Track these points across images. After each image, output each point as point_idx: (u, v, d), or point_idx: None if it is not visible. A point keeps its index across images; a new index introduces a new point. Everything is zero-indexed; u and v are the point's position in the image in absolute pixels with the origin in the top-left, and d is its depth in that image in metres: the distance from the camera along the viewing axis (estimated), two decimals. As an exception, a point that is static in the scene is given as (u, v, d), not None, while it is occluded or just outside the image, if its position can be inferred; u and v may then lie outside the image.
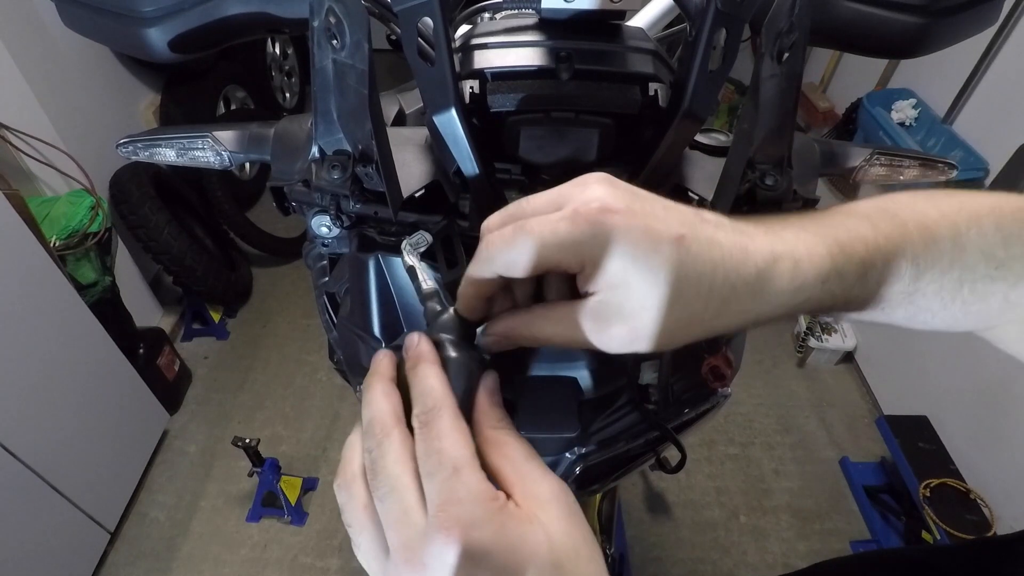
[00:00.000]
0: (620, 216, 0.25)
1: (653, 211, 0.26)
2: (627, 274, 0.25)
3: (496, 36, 0.45)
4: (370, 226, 0.48)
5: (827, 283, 0.28)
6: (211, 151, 0.51)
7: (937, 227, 0.30)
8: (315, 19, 0.38)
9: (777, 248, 0.27)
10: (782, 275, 0.27)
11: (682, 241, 0.25)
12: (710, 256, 0.26)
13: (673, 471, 0.56)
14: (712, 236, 0.26)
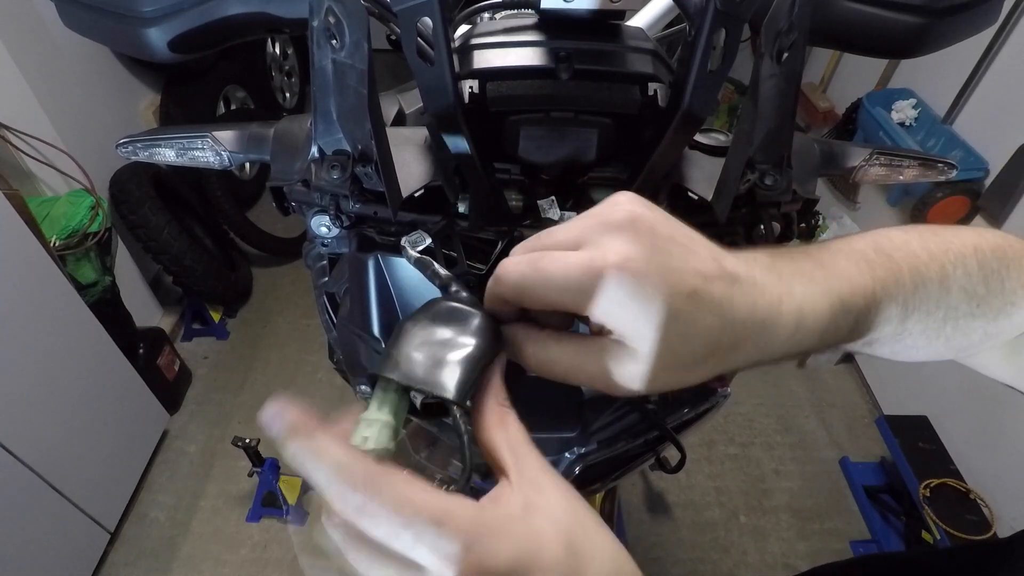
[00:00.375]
0: (633, 275, 0.25)
1: (671, 263, 0.26)
2: (636, 325, 0.26)
3: (495, 36, 0.45)
4: (370, 226, 0.48)
5: (824, 335, 0.29)
6: (211, 151, 0.51)
7: (927, 270, 0.32)
8: (315, 19, 0.38)
9: (784, 304, 0.28)
10: (786, 328, 0.28)
11: (694, 296, 0.26)
12: (720, 313, 0.27)
13: (673, 471, 0.56)
14: (724, 292, 0.27)
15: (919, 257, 0.32)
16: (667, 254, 0.26)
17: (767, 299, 0.28)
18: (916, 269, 0.31)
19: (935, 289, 0.32)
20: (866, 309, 0.30)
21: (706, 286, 0.26)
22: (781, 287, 0.29)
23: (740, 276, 0.28)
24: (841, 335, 0.30)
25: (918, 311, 0.32)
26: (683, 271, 0.26)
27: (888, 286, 0.31)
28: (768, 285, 0.28)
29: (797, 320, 0.28)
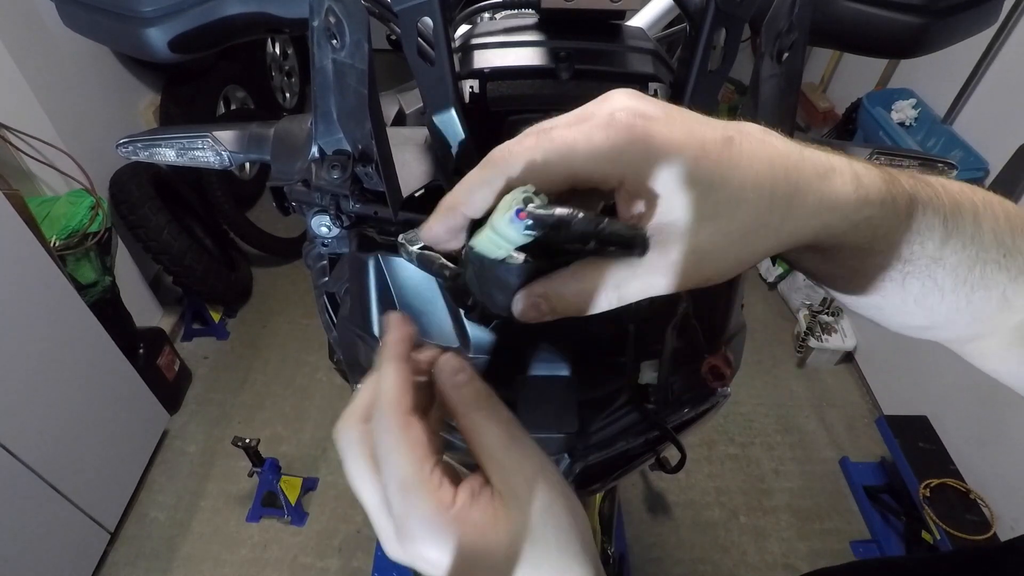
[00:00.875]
0: (660, 123, 0.22)
1: (691, 116, 0.24)
2: (679, 184, 0.22)
3: (496, 36, 0.45)
4: (370, 226, 0.48)
5: (884, 206, 0.26)
6: (211, 151, 0.51)
7: (961, 198, 0.29)
8: (315, 19, 0.38)
9: (834, 160, 0.25)
10: (845, 183, 0.25)
11: (731, 142, 0.23)
12: (766, 153, 0.23)
13: (673, 471, 0.56)
14: (763, 137, 0.24)
15: (950, 187, 0.29)
16: (683, 111, 0.24)
17: (813, 152, 0.25)
18: (951, 194, 0.29)
19: (970, 219, 0.28)
20: (914, 199, 0.27)
21: (740, 133, 0.23)
22: (823, 151, 0.26)
23: (773, 132, 0.25)
24: (899, 218, 0.27)
25: (956, 237, 0.28)
26: (711, 123, 0.23)
27: (928, 195, 0.28)
28: (809, 147, 0.26)
29: (855, 176, 0.25)
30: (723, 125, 0.24)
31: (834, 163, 0.25)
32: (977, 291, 0.29)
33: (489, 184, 0.24)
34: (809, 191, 0.24)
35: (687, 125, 0.23)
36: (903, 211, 0.27)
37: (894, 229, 0.27)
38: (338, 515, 1.67)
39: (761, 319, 2.29)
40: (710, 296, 0.50)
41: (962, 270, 0.29)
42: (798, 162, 0.24)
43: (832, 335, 2.06)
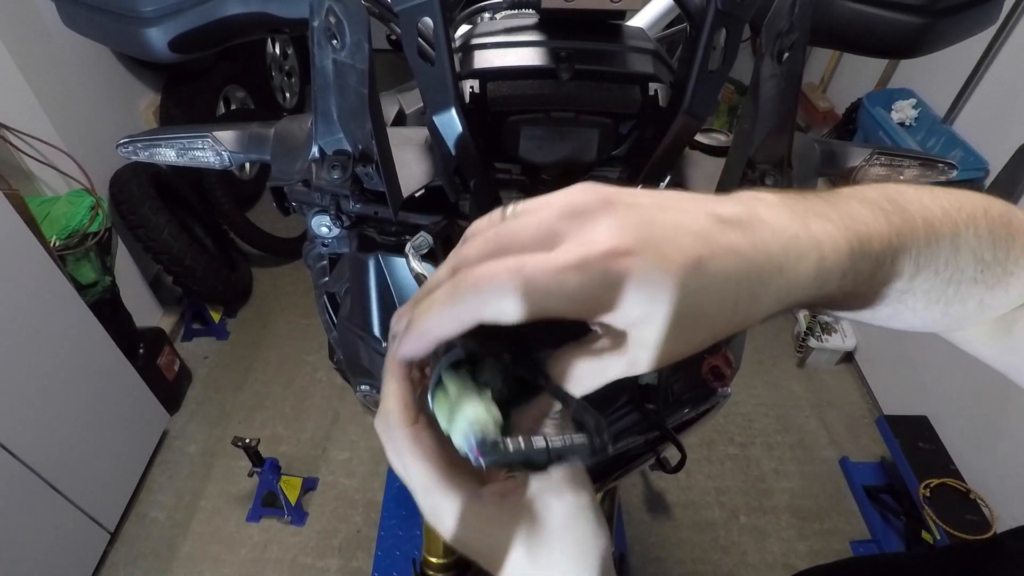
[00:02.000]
0: (633, 258, 0.23)
1: (664, 234, 0.23)
2: (648, 312, 0.24)
3: (496, 36, 0.45)
4: (370, 226, 0.48)
5: (845, 278, 0.27)
6: (211, 151, 0.51)
7: (941, 226, 0.30)
8: (315, 19, 0.38)
9: (802, 240, 0.26)
10: (807, 271, 0.26)
11: (700, 264, 0.23)
12: (734, 271, 0.24)
13: (673, 471, 0.56)
14: (731, 245, 0.24)
15: (932, 212, 0.30)
16: (656, 226, 0.24)
17: (780, 239, 0.25)
18: (930, 223, 0.29)
19: (946, 247, 0.30)
20: (883, 257, 0.28)
21: (710, 248, 0.24)
22: (795, 223, 0.26)
23: (743, 220, 0.25)
24: (861, 280, 0.28)
25: (928, 268, 0.30)
26: (679, 240, 0.23)
27: (903, 235, 0.29)
28: (779, 223, 0.26)
29: (818, 258, 0.26)
30: (693, 236, 0.24)
31: (802, 249, 0.26)
32: (953, 305, 0.32)
33: (458, 321, 0.25)
34: (769, 292, 0.25)
35: (658, 254, 0.23)
36: (867, 273, 0.28)
37: (857, 288, 0.29)
38: (338, 515, 1.67)
39: (761, 319, 2.29)
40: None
41: (934, 294, 0.31)
42: (762, 265, 0.25)
43: (832, 335, 2.06)
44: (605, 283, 0.23)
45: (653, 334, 0.24)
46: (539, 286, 0.23)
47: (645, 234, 0.23)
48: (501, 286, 0.23)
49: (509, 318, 0.24)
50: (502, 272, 0.23)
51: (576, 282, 0.23)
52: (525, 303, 0.23)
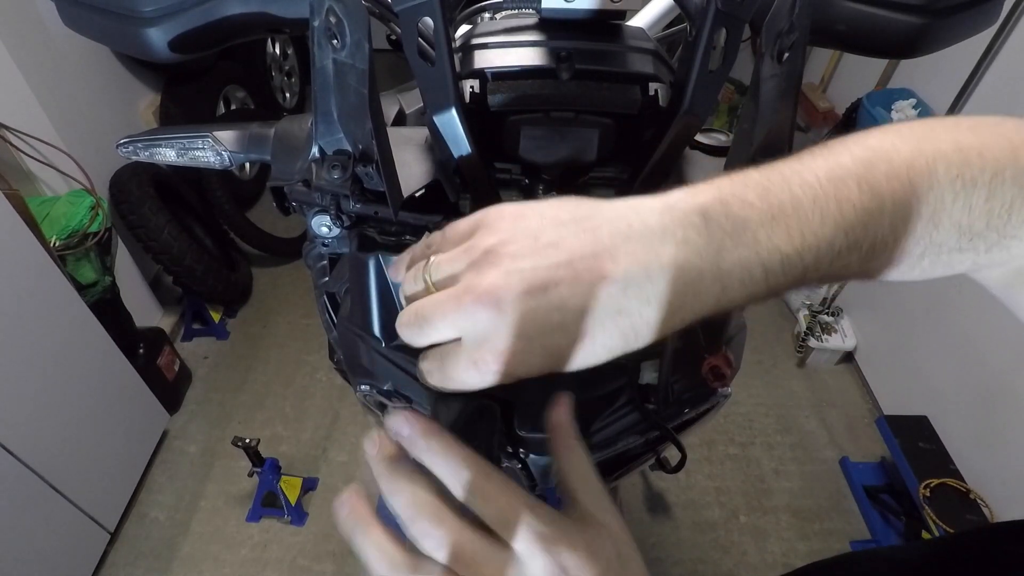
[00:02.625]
0: (512, 362, 0.26)
1: (547, 321, 0.26)
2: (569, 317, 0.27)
3: (496, 36, 0.45)
4: (370, 226, 0.48)
5: (766, 292, 0.28)
6: (211, 151, 0.51)
7: (919, 205, 0.28)
8: (315, 19, 0.38)
9: (704, 281, 0.27)
10: (706, 305, 0.27)
11: (583, 339, 0.26)
12: (613, 342, 0.27)
13: (673, 471, 0.56)
14: (618, 301, 0.26)
15: (916, 187, 0.27)
16: (551, 272, 0.26)
17: (677, 288, 0.26)
18: (904, 205, 0.27)
19: (920, 226, 0.28)
20: (818, 263, 0.27)
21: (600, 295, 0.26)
22: (704, 260, 0.27)
23: (632, 280, 0.26)
24: (791, 283, 0.28)
25: (888, 253, 0.28)
26: (575, 289, 0.26)
27: (855, 232, 0.27)
28: (685, 263, 0.26)
29: (719, 292, 0.27)
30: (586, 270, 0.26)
31: (702, 286, 0.27)
32: (932, 270, 0.30)
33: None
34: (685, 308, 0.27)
35: (547, 302, 0.26)
36: (796, 279, 0.28)
37: (794, 286, 0.29)
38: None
39: (761, 319, 2.29)
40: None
41: (906, 266, 0.30)
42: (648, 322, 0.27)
43: (832, 335, 2.06)
44: (494, 323, 0.26)
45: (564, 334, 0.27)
46: (463, 383, 0.28)
47: (527, 290, 0.26)
48: (435, 381, 0.30)
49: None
50: (434, 370, 0.29)
51: (482, 377, 0.27)
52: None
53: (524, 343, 0.26)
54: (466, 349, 0.27)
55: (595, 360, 0.27)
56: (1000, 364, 1.51)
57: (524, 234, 0.27)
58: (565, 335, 0.26)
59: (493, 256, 0.27)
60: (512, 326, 0.26)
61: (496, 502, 0.27)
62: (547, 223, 0.27)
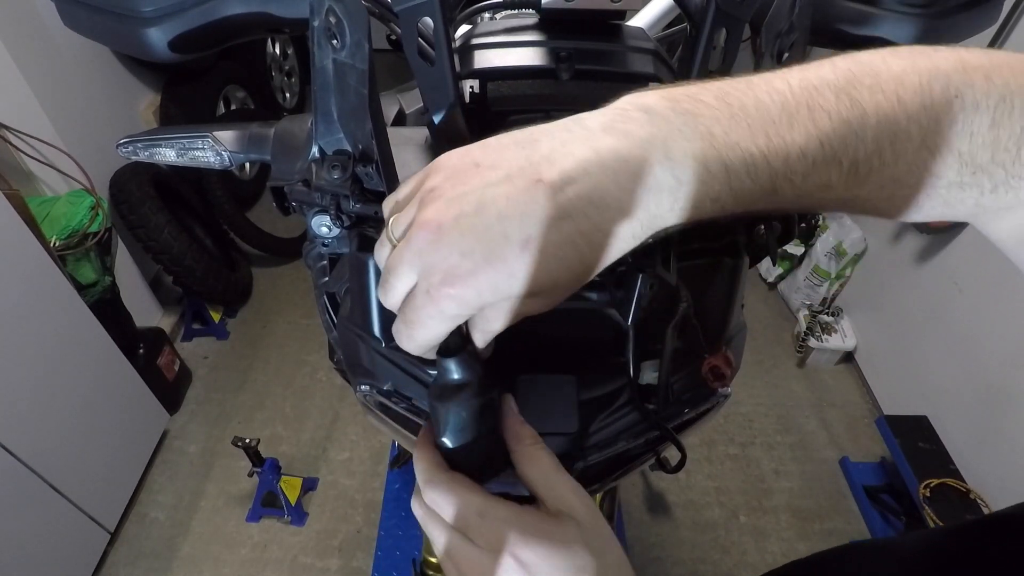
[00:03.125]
0: (463, 282, 0.25)
1: (488, 234, 0.25)
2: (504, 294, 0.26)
3: (496, 36, 0.45)
4: (370, 226, 0.48)
5: (720, 209, 0.26)
6: (211, 151, 0.51)
7: (908, 124, 0.24)
8: (315, 19, 0.38)
9: (636, 224, 0.25)
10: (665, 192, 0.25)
11: (528, 245, 0.25)
12: (564, 252, 0.25)
13: (673, 471, 0.56)
14: (560, 224, 0.24)
15: (905, 104, 0.24)
16: (481, 215, 0.25)
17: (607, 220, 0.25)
18: (890, 121, 0.24)
19: (910, 148, 0.25)
20: (787, 173, 0.25)
21: (539, 230, 0.24)
22: (651, 150, 0.24)
23: (571, 212, 0.24)
24: (752, 201, 0.26)
25: (876, 179, 0.25)
26: (507, 231, 0.25)
27: (830, 140, 0.24)
28: (612, 200, 0.24)
29: (648, 218, 0.25)
30: (520, 223, 0.25)
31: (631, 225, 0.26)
32: (937, 208, 0.27)
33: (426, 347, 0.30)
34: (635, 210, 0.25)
35: (489, 269, 0.25)
36: (758, 199, 0.26)
37: (755, 207, 0.27)
38: (338, 515, 1.67)
39: (761, 319, 2.29)
40: (710, 296, 0.50)
41: (912, 205, 0.27)
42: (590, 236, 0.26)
43: (832, 335, 2.06)
44: (457, 312, 0.27)
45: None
46: (425, 336, 0.29)
47: (465, 246, 0.25)
48: (407, 343, 0.30)
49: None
50: (401, 331, 0.29)
51: (439, 321, 0.28)
52: (434, 339, 0.29)
53: (470, 262, 0.25)
54: (420, 287, 0.26)
55: (552, 277, 0.25)
56: (1000, 364, 1.51)
57: (467, 166, 0.26)
58: (509, 246, 0.24)
59: (437, 192, 0.26)
60: (455, 246, 0.25)
61: (451, 507, 0.30)
62: (489, 151, 0.26)
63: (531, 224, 0.24)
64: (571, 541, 0.29)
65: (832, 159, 0.25)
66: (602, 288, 0.41)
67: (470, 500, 0.30)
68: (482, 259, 0.25)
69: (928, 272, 1.77)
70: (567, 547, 0.29)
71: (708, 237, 0.48)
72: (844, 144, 0.24)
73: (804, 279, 2.18)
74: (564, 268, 0.25)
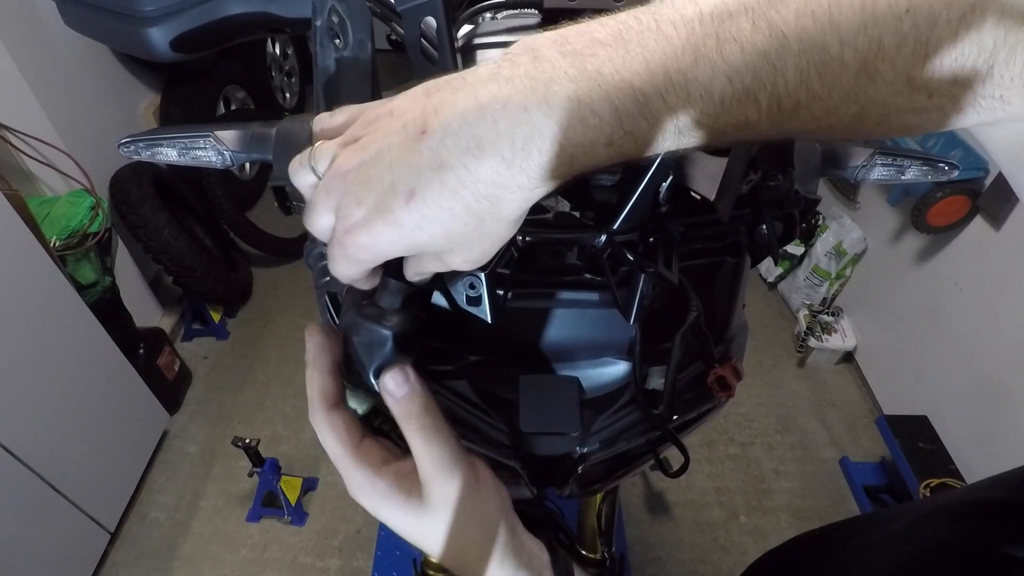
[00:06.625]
0: (359, 232, 0.26)
1: (380, 184, 0.25)
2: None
3: (498, 36, 0.45)
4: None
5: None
6: (213, 151, 0.51)
7: (830, 41, 0.21)
8: (318, 18, 0.38)
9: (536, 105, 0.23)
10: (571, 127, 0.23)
11: (412, 196, 0.25)
12: (449, 203, 0.25)
13: (675, 475, 0.56)
14: (440, 174, 0.24)
15: (839, 26, 0.20)
16: (374, 168, 0.26)
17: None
18: (817, 48, 0.20)
19: (845, 78, 0.21)
20: (688, 111, 0.23)
21: (420, 186, 0.25)
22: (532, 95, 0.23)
23: (442, 164, 0.24)
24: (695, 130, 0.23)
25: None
26: (396, 184, 0.25)
27: (740, 75, 0.21)
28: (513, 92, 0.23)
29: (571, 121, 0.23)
30: (403, 179, 0.25)
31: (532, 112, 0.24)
32: (895, 131, 0.24)
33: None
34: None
35: (379, 217, 0.26)
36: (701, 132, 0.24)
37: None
38: (338, 515, 1.67)
39: (761, 319, 2.29)
40: (711, 296, 0.50)
41: (860, 132, 0.24)
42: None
43: (832, 335, 2.06)
44: (368, 256, 0.28)
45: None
46: (361, 260, 0.29)
47: (364, 197, 0.26)
48: (339, 268, 0.30)
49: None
50: (336, 256, 0.29)
51: (349, 267, 0.29)
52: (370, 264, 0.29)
53: (364, 210, 0.26)
54: (335, 229, 0.27)
55: (444, 228, 0.25)
56: (1000, 364, 1.51)
57: (384, 114, 0.27)
58: (395, 195, 0.25)
59: (354, 137, 0.27)
60: (353, 196, 0.26)
61: (325, 446, 0.34)
62: (404, 99, 0.27)
63: (414, 175, 0.24)
64: (415, 508, 0.33)
65: (745, 96, 0.22)
66: (604, 287, 0.41)
67: (332, 447, 0.34)
68: (374, 209, 0.25)
69: (928, 272, 1.77)
70: (405, 511, 0.33)
71: (710, 237, 0.48)
72: (758, 79, 0.21)
73: (804, 279, 2.18)
74: (454, 220, 0.25)
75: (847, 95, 0.21)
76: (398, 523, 0.34)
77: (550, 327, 0.46)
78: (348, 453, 0.33)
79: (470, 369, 0.47)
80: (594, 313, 0.45)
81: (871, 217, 2.01)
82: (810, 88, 0.21)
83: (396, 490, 0.33)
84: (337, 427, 0.34)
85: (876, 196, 1.99)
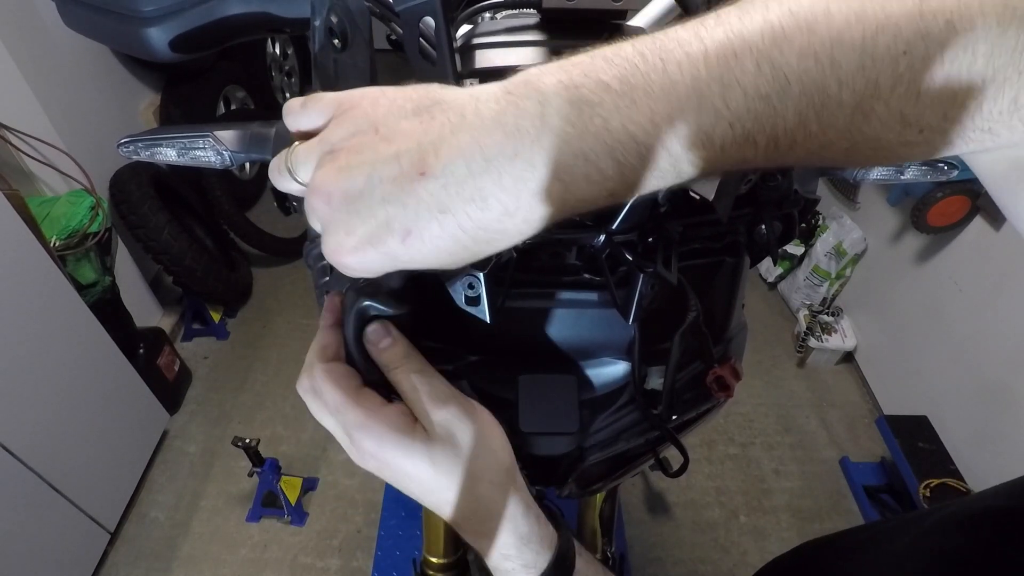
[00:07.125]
0: (349, 255, 0.26)
1: (372, 219, 0.25)
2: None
3: (497, 36, 0.45)
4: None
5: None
6: (212, 151, 0.51)
7: (828, 80, 0.22)
8: (317, 18, 0.38)
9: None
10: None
11: (408, 236, 0.25)
12: (446, 244, 0.25)
13: (675, 475, 0.56)
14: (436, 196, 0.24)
15: (838, 68, 0.21)
16: (364, 199, 0.25)
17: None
18: (817, 90, 0.21)
19: (841, 117, 0.22)
20: (686, 157, 0.23)
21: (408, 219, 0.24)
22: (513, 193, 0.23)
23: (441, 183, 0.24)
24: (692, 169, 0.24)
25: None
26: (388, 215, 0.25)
27: (741, 120, 0.22)
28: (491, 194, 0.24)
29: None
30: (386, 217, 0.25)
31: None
32: (881, 162, 0.25)
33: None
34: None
35: (369, 238, 0.26)
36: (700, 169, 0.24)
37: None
38: (338, 515, 1.67)
39: (761, 319, 2.29)
40: (710, 296, 0.50)
41: (850, 163, 0.25)
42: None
43: (832, 335, 2.06)
44: (365, 265, 0.27)
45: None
46: (352, 270, 0.29)
47: (353, 223, 0.25)
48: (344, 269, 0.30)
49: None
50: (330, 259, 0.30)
51: (353, 268, 0.29)
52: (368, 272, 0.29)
53: (355, 240, 0.25)
54: (325, 245, 0.27)
55: (434, 261, 0.25)
56: (1000, 364, 1.51)
57: (369, 125, 0.26)
58: (391, 232, 0.24)
59: (335, 150, 0.26)
60: (341, 224, 0.25)
61: (325, 396, 0.34)
62: (394, 111, 0.26)
63: (412, 216, 0.24)
64: (421, 442, 0.32)
65: (745, 140, 0.23)
66: (604, 287, 0.41)
67: (332, 394, 0.33)
68: (366, 240, 0.25)
69: (928, 272, 1.77)
70: (411, 444, 0.32)
71: (709, 237, 0.48)
72: (758, 123, 0.22)
73: (804, 279, 2.18)
74: (449, 257, 0.26)
75: (841, 132, 0.22)
76: (407, 465, 0.32)
77: (549, 327, 0.46)
78: (348, 397, 0.33)
79: (469, 369, 0.47)
80: (593, 313, 0.45)
81: (871, 217, 2.01)
82: (807, 127, 0.22)
83: (401, 423, 0.33)
84: (335, 374, 0.33)
85: (876, 196, 1.99)
